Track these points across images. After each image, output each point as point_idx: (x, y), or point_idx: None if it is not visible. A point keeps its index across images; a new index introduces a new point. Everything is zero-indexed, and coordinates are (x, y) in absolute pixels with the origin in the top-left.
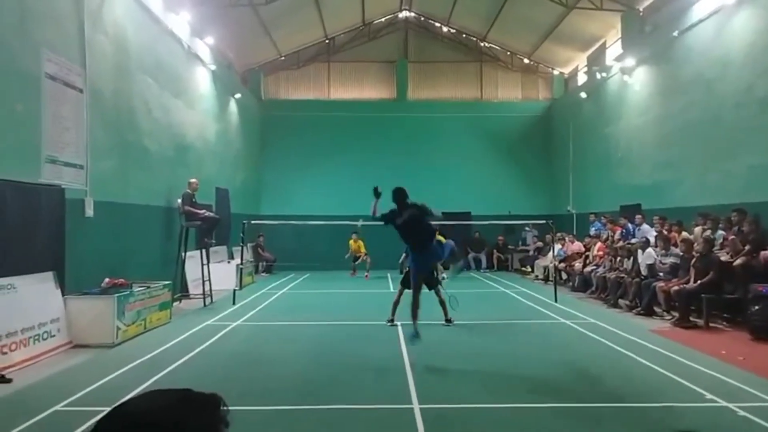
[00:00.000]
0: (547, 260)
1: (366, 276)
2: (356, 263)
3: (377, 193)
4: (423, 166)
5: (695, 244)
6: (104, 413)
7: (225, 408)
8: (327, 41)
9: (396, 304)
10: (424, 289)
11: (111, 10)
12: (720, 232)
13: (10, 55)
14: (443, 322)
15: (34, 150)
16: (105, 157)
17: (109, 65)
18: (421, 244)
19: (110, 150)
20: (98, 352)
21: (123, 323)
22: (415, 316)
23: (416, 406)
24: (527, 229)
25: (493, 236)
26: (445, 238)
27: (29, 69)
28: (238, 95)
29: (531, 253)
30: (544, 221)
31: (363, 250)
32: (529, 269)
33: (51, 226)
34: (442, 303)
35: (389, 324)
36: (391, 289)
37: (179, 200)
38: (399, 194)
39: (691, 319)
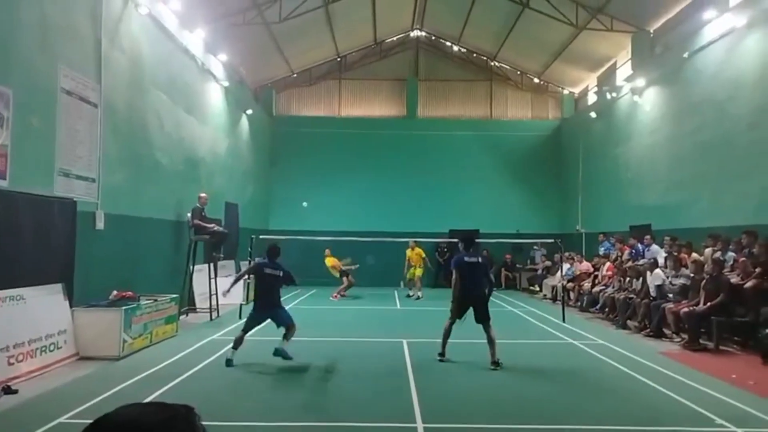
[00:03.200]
0: (556, 279)
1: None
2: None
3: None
4: (432, 184)
5: (705, 266)
6: (92, 421)
7: (198, 419)
8: (339, 59)
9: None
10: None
11: (127, 27)
12: (730, 253)
13: (29, 70)
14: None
15: (48, 163)
16: (117, 171)
17: (124, 80)
18: None
19: (122, 164)
20: (104, 364)
21: (129, 336)
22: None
23: (420, 425)
24: (536, 248)
25: (502, 254)
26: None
27: (46, 84)
28: (249, 111)
29: (539, 272)
30: (552, 240)
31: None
32: (537, 288)
33: (62, 238)
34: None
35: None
36: (398, 306)
37: (189, 214)
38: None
39: (701, 341)
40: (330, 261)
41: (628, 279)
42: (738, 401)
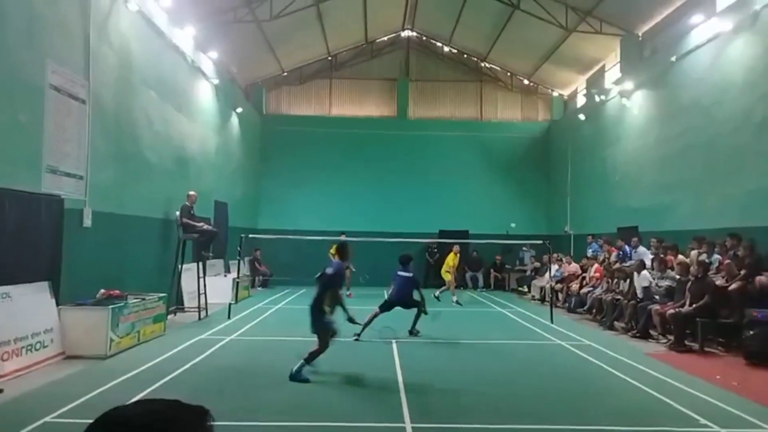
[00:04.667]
0: (544, 281)
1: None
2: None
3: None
4: (422, 184)
5: (691, 268)
6: (95, 418)
7: (211, 419)
8: (329, 58)
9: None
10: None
11: (116, 23)
12: (716, 256)
13: (16, 64)
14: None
15: (35, 160)
16: (105, 168)
17: (113, 77)
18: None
19: (110, 161)
20: (91, 363)
21: (117, 335)
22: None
23: (408, 425)
24: (525, 249)
25: (491, 255)
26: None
27: (34, 79)
28: (239, 109)
29: (528, 273)
30: (541, 242)
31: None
32: (526, 289)
33: (49, 235)
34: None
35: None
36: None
37: (178, 212)
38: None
39: (687, 342)
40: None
41: (615, 280)
42: (722, 402)
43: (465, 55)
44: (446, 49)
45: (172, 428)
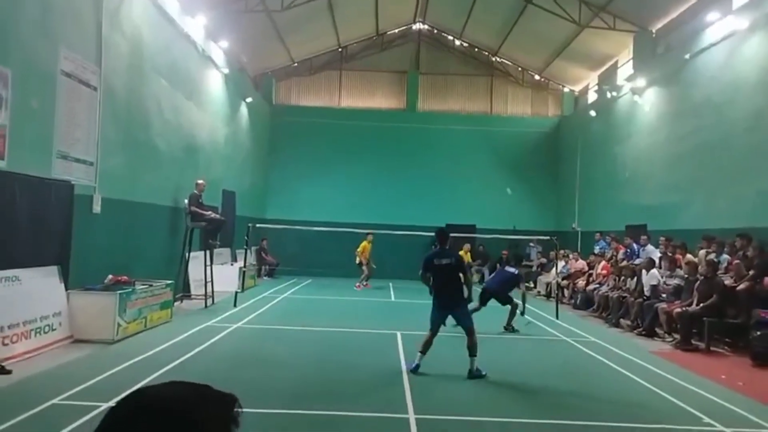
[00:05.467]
0: (550, 276)
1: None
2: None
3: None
4: (430, 177)
5: (699, 267)
6: (123, 395)
7: (239, 409)
8: (340, 50)
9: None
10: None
11: (129, 11)
12: (725, 256)
13: (29, 51)
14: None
15: (46, 145)
16: (115, 155)
17: (124, 64)
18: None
19: (120, 148)
20: (98, 347)
21: (124, 320)
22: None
23: (411, 416)
24: (531, 244)
25: (497, 250)
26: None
27: (46, 65)
28: (249, 99)
29: (534, 268)
30: (548, 237)
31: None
32: (532, 285)
33: (58, 220)
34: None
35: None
36: (392, 299)
37: (186, 200)
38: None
39: (693, 342)
40: (365, 247)
41: (622, 278)
42: (726, 401)
43: (476, 49)
44: (457, 42)
45: (195, 416)
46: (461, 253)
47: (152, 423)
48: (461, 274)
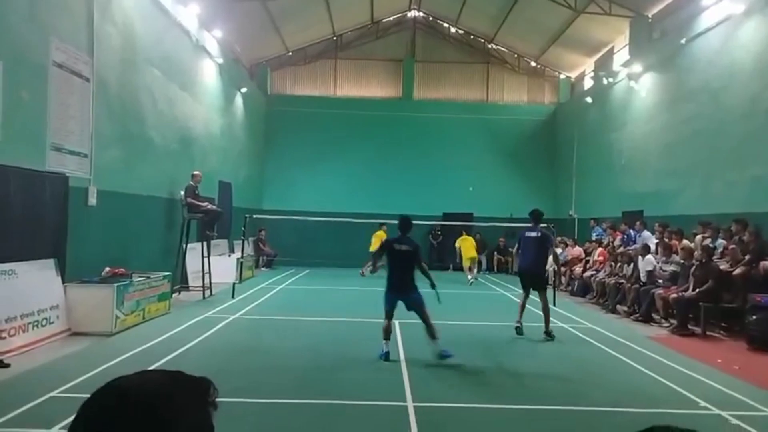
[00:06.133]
0: (548, 264)
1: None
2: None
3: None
4: (426, 166)
5: (695, 252)
6: (97, 388)
7: (214, 391)
8: (335, 38)
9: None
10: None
11: (120, 0)
12: (720, 241)
13: (19, 42)
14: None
15: (40, 137)
16: (109, 147)
17: (117, 55)
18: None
19: (115, 140)
20: (96, 340)
21: (122, 312)
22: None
23: (410, 404)
24: None
25: (494, 238)
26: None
27: (37, 56)
28: (244, 89)
29: None
30: (545, 225)
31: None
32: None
33: (54, 213)
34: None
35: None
36: None
37: (182, 192)
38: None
39: (689, 327)
40: (380, 236)
41: (619, 264)
42: (723, 385)
43: (471, 37)
44: (453, 30)
45: (170, 404)
46: (459, 240)
47: (129, 413)
48: (420, 263)
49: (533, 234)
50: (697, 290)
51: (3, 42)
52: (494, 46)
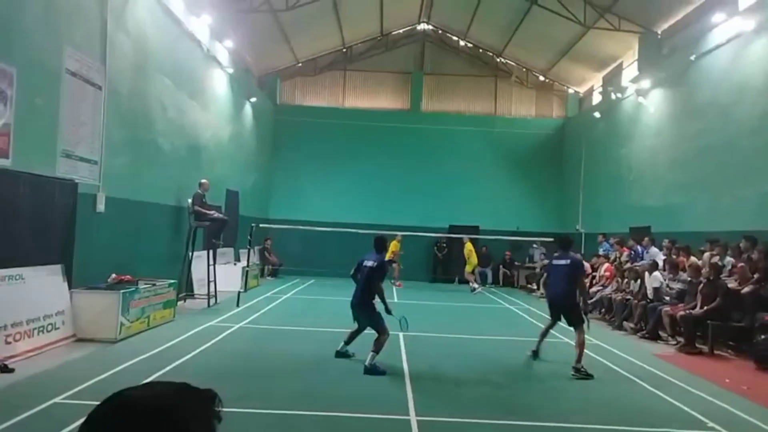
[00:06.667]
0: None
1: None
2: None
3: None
4: (434, 178)
5: (703, 270)
6: (103, 399)
7: (219, 403)
8: (344, 50)
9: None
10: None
11: (134, 10)
12: (729, 258)
13: (34, 48)
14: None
15: (51, 143)
16: (119, 154)
17: (129, 64)
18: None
19: (124, 147)
20: (101, 346)
21: (127, 319)
22: None
23: (413, 418)
24: (535, 246)
25: (500, 252)
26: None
27: (51, 64)
28: (253, 99)
29: (537, 270)
30: (552, 239)
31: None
32: (535, 286)
33: (62, 219)
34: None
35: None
36: (395, 299)
37: (190, 200)
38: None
39: (697, 345)
40: (395, 247)
41: (626, 280)
42: (730, 405)
43: (480, 50)
44: (462, 43)
45: (176, 416)
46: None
47: (134, 425)
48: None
49: (562, 262)
50: (705, 308)
51: (18, 48)
52: (503, 60)
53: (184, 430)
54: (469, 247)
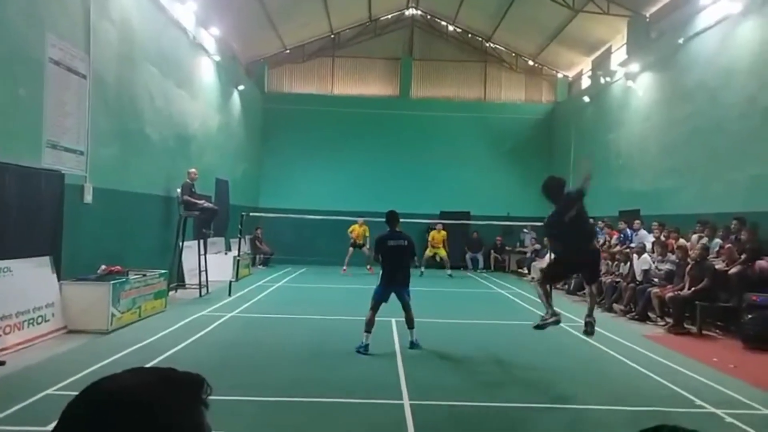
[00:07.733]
0: (544, 262)
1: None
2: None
3: None
4: (423, 164)
5: (690, 251)
6: (85, 387)
7: (207, 389)
8: (332, 36)
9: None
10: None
11: None
12: (717, 240)
13: (15, 38)
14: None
15: (36, 134)
16: (106, 144)
17: (114, 52)
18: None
19: (111, 137)
20: (92, 338)
21: (118, 310)
22: None
23: (406, 402)
24: (525, 230)
25: (492, 237)
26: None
27: (33, 53)
28: (241, 87)
29: (528, 254)
30: (542, 224)
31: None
32: (526, 271)
33: (49, 211)
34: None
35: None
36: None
37: (178, 190)
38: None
39: (685, 325)
40: (360, 230)
41: (615, 263)
42: (718, 384)
43: (469, 35)
44: (451, 28)
45: (157, 408)
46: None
47: (118, 413)
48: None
49: (572, 213)
50: (693, 289)
51: None
52: (492, 45)
53: (167, 424)
54: (443, 234)
